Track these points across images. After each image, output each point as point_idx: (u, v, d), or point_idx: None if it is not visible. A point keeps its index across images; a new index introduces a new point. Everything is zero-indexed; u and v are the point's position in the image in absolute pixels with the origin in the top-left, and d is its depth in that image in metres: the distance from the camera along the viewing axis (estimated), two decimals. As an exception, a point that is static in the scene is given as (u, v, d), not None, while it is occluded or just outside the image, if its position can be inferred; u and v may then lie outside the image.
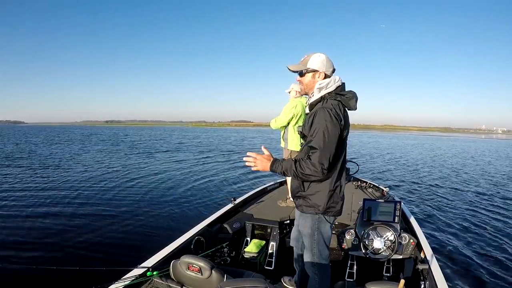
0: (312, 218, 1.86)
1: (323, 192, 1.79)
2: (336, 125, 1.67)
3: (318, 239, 1.88)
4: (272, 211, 3.35)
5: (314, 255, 1.92)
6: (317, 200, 1.80)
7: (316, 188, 1.79)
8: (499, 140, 62.32)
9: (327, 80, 1.79)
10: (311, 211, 1.84)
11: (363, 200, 2.64)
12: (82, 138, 32.08)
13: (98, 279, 1.80)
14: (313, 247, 1.90)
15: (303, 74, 1.84)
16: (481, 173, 12.45)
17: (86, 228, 4.80)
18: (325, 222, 1.86)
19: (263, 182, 6.52)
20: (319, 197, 1.80)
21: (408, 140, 41.64)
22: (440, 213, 6.19)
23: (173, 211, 5.84)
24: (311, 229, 1.87)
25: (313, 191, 1.81)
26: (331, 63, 1.83)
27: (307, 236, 1.91)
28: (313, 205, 1.82)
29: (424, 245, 2.53)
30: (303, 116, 3.41)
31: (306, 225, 1.89)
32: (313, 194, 1.81)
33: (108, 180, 8.59)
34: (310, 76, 1.83)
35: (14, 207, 5.95)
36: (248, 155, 1.79)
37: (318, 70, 1.81)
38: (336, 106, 1.73)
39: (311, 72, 1.82)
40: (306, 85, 1.86)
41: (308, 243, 1.92)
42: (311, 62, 1.81)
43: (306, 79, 1.84)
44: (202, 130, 76.47)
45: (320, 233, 1.88)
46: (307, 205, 1.84)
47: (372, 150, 22.49)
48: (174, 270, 1.80)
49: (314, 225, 1.86)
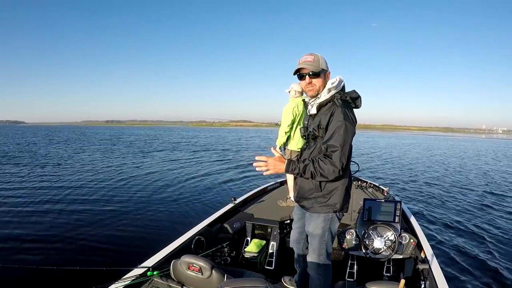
0: (324, 217, 1.86)
1: (340, 190, 1.81)
2: (353, 125, 1.70)
3: (327, 239, 1.90)
4: (273, 211, 3.35)
5: (321, 255, 1.92)
6: (335, 199, 1.81)
7: (333, 186, 1.80)
8: (499, 140, 62.34)
9: (336, 79, 1.79)
10: (326, 210, 1.84)
11: (364, 200, 2.64)
12: (83, 138, 32.10)
13: (98, 279, 1.79)
14: (322, 247, 1.90)
15: (316, 75, 1.78)
16: (481, 173, 12.45)
17: (86, 228, 4.79)
18: (336, 221, 1.89)
19: (263, 182, 6.52)
20: (336, 195, 1.81)
21: (407, 140, 41.67)
22: (440, 213, 6.19)
23: (173, 211, 5.84)
24: (322, 230, 1.87)
25: (329, 190, 1.81)
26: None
27: (316, 237, 1.90)
28: (329, 204, 1.82)
29: (424, 245, 2.53)
30: (304, 116, 3.39)
31: (318, 225, 1.88)
32: (330, 193, 1.81)
33: (108, 180, 8.58)
34: (323, 77, 1.80)
35: (14, 207, 5.95)
36: (258, 159, 1.73)
37: (328, 70, 1.82)
38: (349, 106, 1.76)
39: (323, 73, 1.80)
40: (320, 86, 1.80)
41: (317, 244, 1.91)
42: (322, 62, 1.79)
43: (321, 79, 1.79)
44: (202, 130, 76.51)
45: (330, 233, 1.89)
46: (322, 204, 1.84)
47: (370, 150, 22.50)
48: (174, 270, 1.80)
49: (326, 225, 1.87)
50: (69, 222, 5.04)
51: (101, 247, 4.13)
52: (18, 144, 22.77)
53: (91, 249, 4.07)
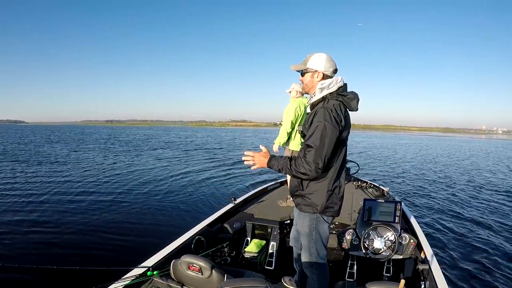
0: (310, 217, 1.86)
1: (322, 191, 1.80)
2: (335, 126, 1.67)
3: (316, 239, 1.89)
4: (273, 211, 3.35)
5: (311, 254, 1.93)
6: (316, 200, 1.81)
7: (315, 187, 1.80)
8: (498, 141, 62.37)
9: (329, 80, 1.79)
10: (309, 210, 1.85)
11: (364, 200, 2.64)
12: (82, 137, 32.09)
13: (98, 279, 1.79)
14: (311, 246, 1.91)
15: (303, 73, 1.86)
16: (481, 172, 12.45)
17: (86, 228, 4.80)
18: (323, 222, 1.87)
19: (264, 182, 6.52)
20: (317, 196, 1.80)
21: (405, 140, 41.67)
22: (440, 213, 6.19)
23: (173, 210, 5.84)
24: (309, 228, 1.88)
25: (312, 190, 1.81)
26: (333, 63, 1.82)
27: (305, 235, 1.91)
28: (311, 204, 1.83)
29: (424, 245, 2.53)
30: (305, 116, 3.41)
31: (304, 224, 1.89)
32: (311, 193, 1.81)
33: (108, 180, 8.58)
34: (309, 76, 1.84)
35: (13, 206, 5.95)
36: (246, 154, 1.82)
37: (317, 70, 1.81)
38: (337, 106, 1.73)
39: (311, 72, 1.83)
40: (306, 85, 1.88)
41: (306, 242, 1.93)
42: (311, 62, 1.82)
43: (306, 79, 1.86)
44: (203, 129, 76.50)
45: (318, 233, 1.88)
46: (305, 204, 1.85)
47: (368, 150, 22.51)
48: (174, 270, 1.80)
49: (312, 224, 1.87)
50: (69, 222, 5.04)
51: (101, 247, 4.13)
52: (17, 143, 22.77)
53: (91, 249, 4.07)
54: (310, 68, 1.81)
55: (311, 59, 1.82)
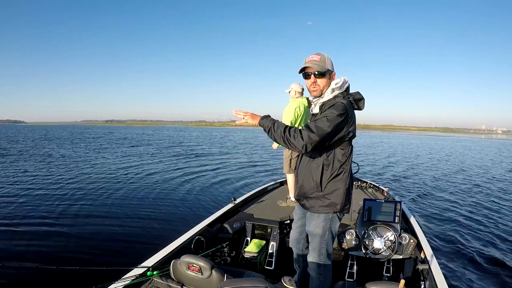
0: (325, 217, 1.86)
1: (341, 190, 1.82)
2: (342, 122, 1.69)
3: (328, 239, 1.90)
4: (273, 211, 3.35)
5: (321, 255, 1.92)
6: (335, 199, 1.82)
7: (334, 186, 1.81)
8: (498, 140, 62.40)
9: (340, 80, 1.81)
10: (327, 211, 1.85)
11: (364, 200, 2.64)
12: (83, 137, 32.08)
13: (98, 279, 1.79)
14: (322, 247, 1.91)
15: (324, 75, 1.80)
16: (481, 173, 12.45)
17: (86, 228, 4.80)
18: (337, 221, 1.90)
19: (264, 182, 6.52)
20: (337, 195, 1.82)
21: (405, 140, 41.68)
22: (440, 213, 6.19)
23: (173, 211, 5.84)
24: (323, 229, 1.88)
25: (331, 190, 1.82)
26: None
27: (317, 236, 1.90)
28: (330, 204, 1.83)
29: (424, 245, 2.53)
30: (305, 116, 3.38)
31: (318, 225, 1.88)
32: (330, 193, 1.82)
33: (108, 180, 8.58)
34: (328, 78, 1.81)
35: (13, 206, 5.95)
36: (237, 110, 1.82)
37: (333, 71, 1.83)
38: (349, 105, 1.75)
39: (329, 74, 1.81)
40: (324, 86, 1.81)
41: (317, 243, 1.91)
42: (328, 62, 1.80)
43: (325, 79, 1.81)
44: (202, 129, 76.51)
45: (330, 233, 1.90)
46: (323, 205, 1.84)
47: (367, 149, 22.51)
48: (174, 270, 1.80)
49: (326, 224, 1.87)
50: (69, 222, 5.04)
51: (101, 247, 4.13)
52: (16, 141, 22.76)
53: (91, 249, 4.06)
54: (330, 69, 1.81)
55: (327, 60, 1.80)
